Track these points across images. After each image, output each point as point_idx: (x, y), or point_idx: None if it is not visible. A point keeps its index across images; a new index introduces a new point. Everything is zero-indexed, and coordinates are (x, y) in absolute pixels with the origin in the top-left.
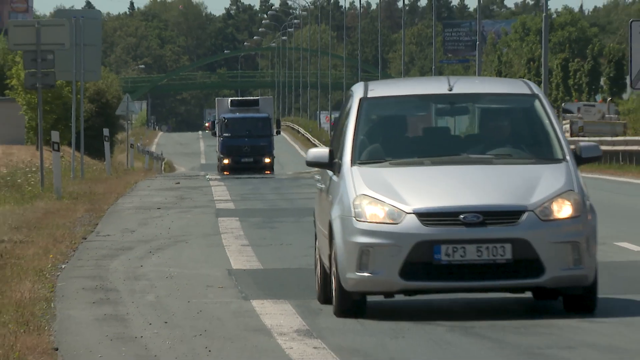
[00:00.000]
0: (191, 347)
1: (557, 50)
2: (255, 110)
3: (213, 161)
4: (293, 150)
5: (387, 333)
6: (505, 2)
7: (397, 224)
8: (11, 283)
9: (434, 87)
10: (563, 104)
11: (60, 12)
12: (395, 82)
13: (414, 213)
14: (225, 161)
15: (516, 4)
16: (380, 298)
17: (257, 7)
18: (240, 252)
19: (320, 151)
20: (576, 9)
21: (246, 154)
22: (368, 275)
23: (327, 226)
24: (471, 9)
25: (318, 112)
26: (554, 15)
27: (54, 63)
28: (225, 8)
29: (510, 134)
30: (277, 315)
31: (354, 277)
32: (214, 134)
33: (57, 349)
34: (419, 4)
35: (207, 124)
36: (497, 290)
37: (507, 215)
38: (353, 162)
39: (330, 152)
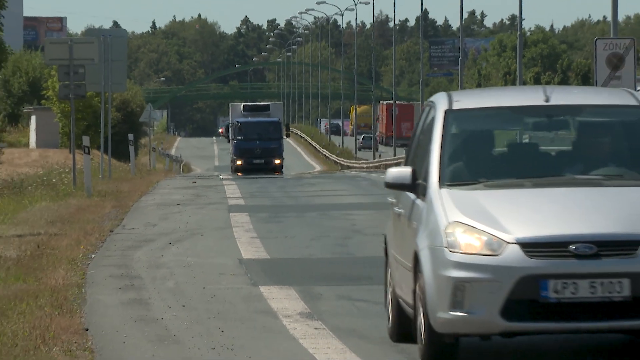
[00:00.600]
0: (206, 328)
1: (531, 64)
2: (266, 114)
3: (225, 163)
4: (297, 153)
5: (380, 315)
6: (484, 22)
7: (497, 255)
8: (47, 271)
9: (527, 98)
10: None
11: (90, 31)
12: (482, 92)
13: (516, 243)
14: (239, 162)
15: (494, 24)
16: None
17: (264, 26)
18: (249, 244)
19: (402, 171)
20: (547, 28)
21: (258, 155)
22: (463, 315)
23: (411, 257)
24: (454, 28)
25: (318, 119)
26: (528, 34)
27: (84, 76)
28: (236, 27)
29: (615, 151)
30: (283, 300)
31: (446, 316)
32: (228, 141)
33: (87, 330)
34: (407, 23)
35: (221, 130)
36: (612, 331)
37: (625, 245)
38: (441, 184)
39: (413, 172)
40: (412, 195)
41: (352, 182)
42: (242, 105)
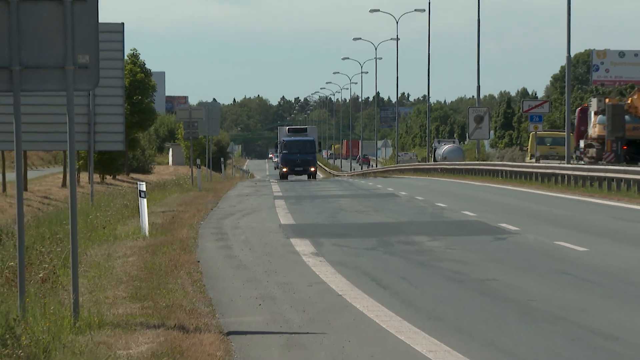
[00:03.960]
0: (262, 261)
1: (434, 121)
2: (304, 135)
3: (273, 172)
4: None
5: (354, 254)
6: (409, 98)
7: None
8: (177, 230)
9: None
10: (398, 154)
11: (200, 104)
12: None
13: None
14: (284, 170)
15: (414, 99)
16: (332, 241)
17: (292, 100)
18: (284, 215)
19: None
20: (442, 102)
21: (298, 164)
22: None
23: None
24: (393, 102)
25: (322, 149)
26: (433, 104)
27: (197, 127)
28: (278, 101)
29: None
30: (302, 246)
31: None
32: (276, 167)
33: (198, 261)
34: (369, 99)
35: (270, 155)
36: None
37: None
38: None
39: None
40: None
41: (339, 183)
42: (287, 128)
